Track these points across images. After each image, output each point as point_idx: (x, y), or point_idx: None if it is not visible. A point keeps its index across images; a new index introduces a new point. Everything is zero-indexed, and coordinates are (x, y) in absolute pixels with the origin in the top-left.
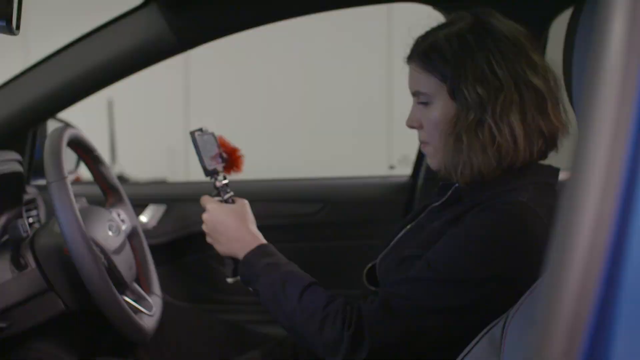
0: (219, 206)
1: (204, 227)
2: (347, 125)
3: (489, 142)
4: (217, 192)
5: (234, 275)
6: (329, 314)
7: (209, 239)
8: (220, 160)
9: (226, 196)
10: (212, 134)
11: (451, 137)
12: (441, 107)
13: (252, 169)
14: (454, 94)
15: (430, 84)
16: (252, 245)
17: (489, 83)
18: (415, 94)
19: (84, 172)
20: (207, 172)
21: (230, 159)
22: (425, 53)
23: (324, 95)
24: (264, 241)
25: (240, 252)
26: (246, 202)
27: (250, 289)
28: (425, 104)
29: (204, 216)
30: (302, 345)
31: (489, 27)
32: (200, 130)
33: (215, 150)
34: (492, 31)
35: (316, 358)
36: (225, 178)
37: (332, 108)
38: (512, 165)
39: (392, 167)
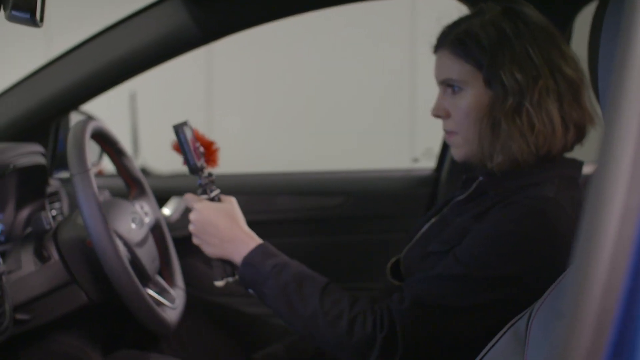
0: (208, 205)
1: (192, 228)
2: (369, 118)
3: (527, 129)
4: (203, 190)
5: (224, 277)
6: (357, 315)
7: (196, 241)
8: (200, 155)
9: (213, 194)
10: (190, 127)
11: (487, 124)
12: (474, 94)
13: (274, 162)
14: (490, 80)
15: (464, 70)
16: (249, 245)
17: (527, 70)
18: (444, 82)
19: (107, 165)
20: (194, 169)
21: (207, 153)
22: (460, 40)
23: (347, 88)
24: (260, 240)
25: (235, 253)
26: (234, 199)
27: (251, 291)
28: (455, 91)
29: (192, 216)
30: (324, 350)
31: (522, 16)
32: (185, 124)
33: (194, 144)
34: (525, 20)
35: None
36: (211, 175)
37: (355, 101)
38: (548, 153)
39: (415, 160)
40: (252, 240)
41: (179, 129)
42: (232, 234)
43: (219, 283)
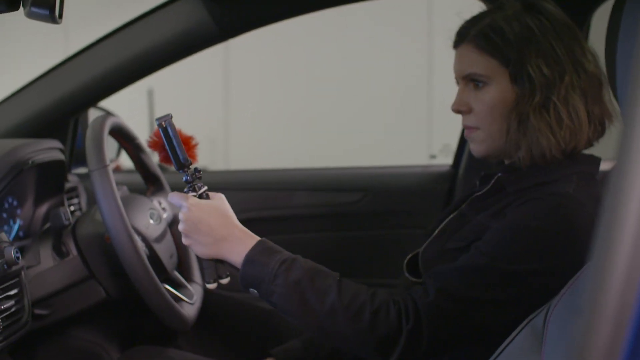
0: (198, 203)
1: (182, 228)
2: (387, 115)
3: (555, 124)
4: (191, 187)
5: (216, 279)
6: (379, 307)
7: (186, 241)
8: (184, 149)
9: (201, 191)
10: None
11: (514, 119)
12: (499, 89)
13: (291, 158)
14: (517, 75)
15: (488, 65)
16: (247, 242)
17: (553, 65)
18: (467, 77)
19: (124, 161)
20: (182, 165)
21: (186, 148)
22: (484, 34)
23: (364, 85)
24: (257, 236)
25: (231, 252)
26: (223, 195)
27: (253, 291)
28: (479, 86)
29: (182, 215)
30: (342, 348)
31: (544, 11)
32: (171, 116)
33: (179, 139)
34: (547, 15)
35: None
36: (198, 170)
37: (372, 98)
38: (574, 149)
39: (433, 157)
40: (250, 237)
41: (166, 122)
42: (226, 232)
43: (211, 285)
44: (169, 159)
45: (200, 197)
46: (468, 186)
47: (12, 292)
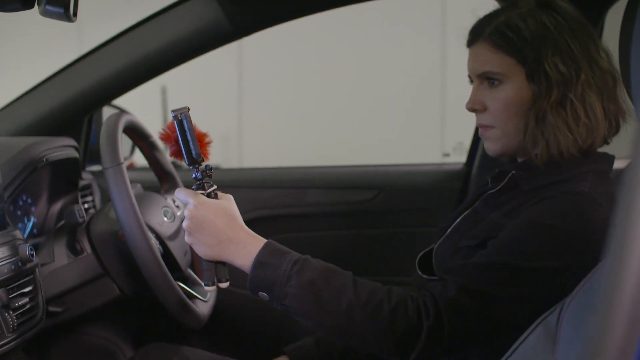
0: (205, 201)
1: (186, 225)
2: (400, 113)
3: (572, 121)
4: (200, 184)
5: (215, 282)
6: (398, 304)
7: (189, 239)
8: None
9: (210, 190)
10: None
11: (531, 117)
12: (515, 86)
13: (304, 156)
14: (533, 72)
15: (504, 63)
16: (255, 244)
17: (569, 62)
18: (482, 75)
19: (137, 159)
20: (194, 160)
21: (199, 145)
22: (500, 32)
23: (377, 83)
24: (262, 238)
25: (236, 255)
26: (231, 197)
27: (263, 294)
28: (494, 84)
29: (188, 212)
30: (360, 348)
31: (558, 9)
32: (188, 109)
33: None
34: (562, 13)
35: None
36: (209, 168)
37: (385, 95)
38: (590, 146)
39: (446, 155)
40: (256, 239)
41: (182, 114)
42: (231, 234)
43: (209, 288)
44: (181, 153)
45: (209, 196)
46: (480, 184)
47: (26, 289)
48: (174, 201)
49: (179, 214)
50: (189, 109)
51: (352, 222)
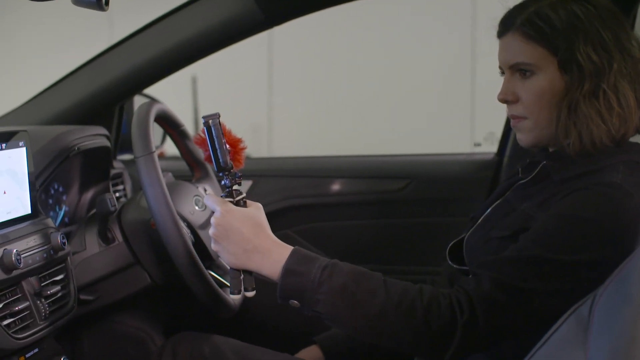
0: (232, 209)
1: (212, 232)
2: (431, 103)
3: (605, 111)
4: (229, 192)
5: (241, 290)
6: (431, 302)
7: (216, 247)
8: (227, 153)
9: (238, 197)
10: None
11: (564, 107)
12: (548, 77)
13: (335, 145)
14: (565, 62)
15: (536, 53)
16: (281, 253)
17: (601, 52)
18: (513, 66)
19: (168, 148)
20: (222, 168)
21: (233, 152)
22: (531, 22)
23: (407, 72)
24: (289, 246)
25: (263, 264)
26: (260, 205)
27: (294, 302)
28: (526, 75)
29: (214, 220)
30: (396, 348)
31: None
32: (218, 116)
33: (223, 140)
34: (592, 1)
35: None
36: (238, 176)
37: (416, 85)
38: (623, 136)
39: (477, 145)
40: (283, 247)
41: (212, 121)
42: (258, 243)
43: (235, 296)
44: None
45: (237, 204)
46: (510, 174)
47: (58, 278)
48: (205, 190)
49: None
50: (219, 116)
51: (383, 211)
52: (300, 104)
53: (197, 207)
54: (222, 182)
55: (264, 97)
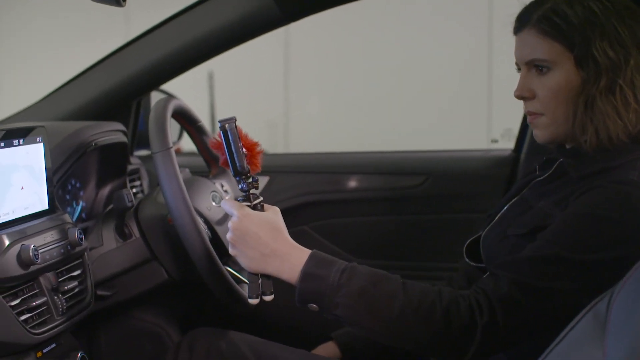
0: (250, 213)
1: (229, 237)
2: (448, 100)
3: (622, 107)
4: (246, 196)
5: (259, 295)
6: (450, 303)
7: (233, 251)
8: (243, 157)
9: (255, 202)
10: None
11: (580, 103)
12: (564, 73)
13: (351, 141)
14: (581, 58)
15: (552, 50)
16: (300, 256)
17: (617, 47)
18: (530, 62)
19: (184, 144)
20: (239, 172)
21: (249, 155)
22: (547, 18)
23: (424, 69)
24: (306, 249)
25: (282, 268)
26: (278, 209)
27: (313, 306)
28: (542, 72)
29: (232, 224)
30: (415, 351)
31: None
32: (234, 120)
33: (239, 144)
34: None
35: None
36: (255, 180)
37: (432, 81)
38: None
39: (494, 141)
40: (301, 251)
41: (228, 125)
42: (276, 247)
43: (253, 301)
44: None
45: (254, 208)
46: (527, 171)
47: (75, 273)
48: (222, 186)
49: (227, 198)
50: (235, 120)
51: (400, 207)
52: (316, 100)
53: (213, 203)
54: (239, 187)
55: (281, 93)
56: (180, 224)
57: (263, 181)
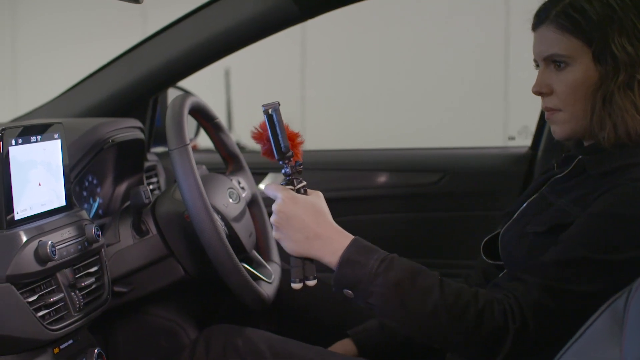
0: (294, 197)
1: (274, 219)
2: (465, 97)
3: None
4: (289, 180)
5: (302, 279)
6: (484, 306)
7: (277, 234)
8: (287, 139)
9: (299, 185)
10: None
11: (598, 99)
12: (582, 69)
13: (369, 138)
14: (600, 54)
15: (570, 45)
16: (342, 242)
17: (636, 42)
18: (548, 58)
19: (200, 141)
20: (283, 154)
21: (291, 145)
22: (566, 14)
23: (440, 66)
24: (350, 235)
25: (324, 251)
26: (321, 193)
27: (348, 292)
28: (561, 67)
29: (276, 207)
30: (444, 348)
31: None
32: (278, 104)
33: (284, 126)
34: None
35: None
36: (299, 164)
37: (449, 79)
38: None
39: (511, 138)
40: (344, 236)
41: (272, 108)
42: (319, 230)
43: (296, 285)
44: (271, 152)
45: (298, 191)
46: (545, 167)
47: (92, 270)
48: (239, 183)
49: (243, 195)
50: (279, 104)
51: (417, 204)
52: (333, 97)
53: (230, 200)
54: (283, 171)
55: (297, 90)
56: (197, 220)
57: (279, 178)
